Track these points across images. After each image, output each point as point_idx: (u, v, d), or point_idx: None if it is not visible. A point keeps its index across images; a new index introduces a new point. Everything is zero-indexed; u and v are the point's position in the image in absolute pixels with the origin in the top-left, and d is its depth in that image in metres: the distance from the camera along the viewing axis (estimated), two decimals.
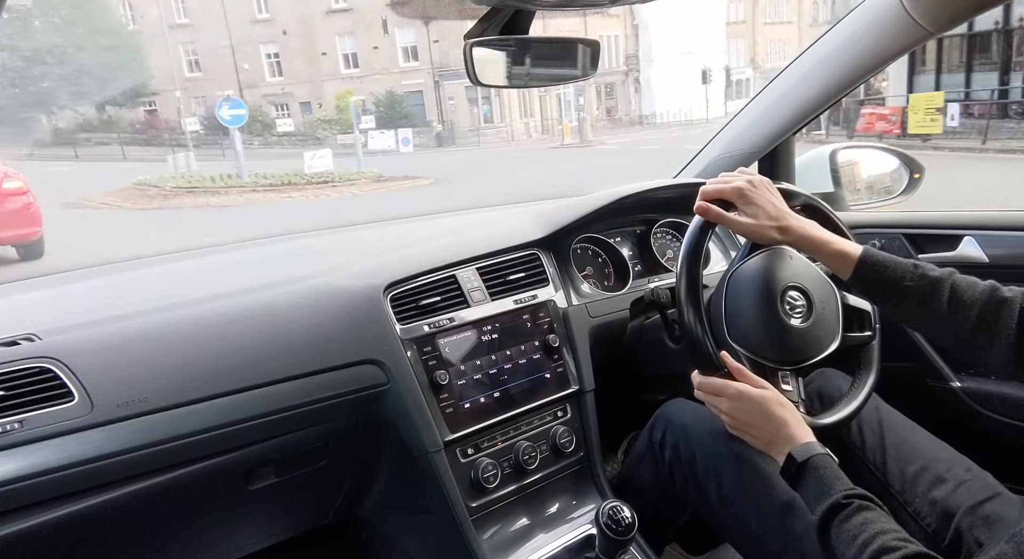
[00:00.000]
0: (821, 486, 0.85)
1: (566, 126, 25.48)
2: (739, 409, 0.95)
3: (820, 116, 1.54)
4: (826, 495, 0.84)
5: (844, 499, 0.82)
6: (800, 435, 0.91)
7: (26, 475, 0.82)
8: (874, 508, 0.81)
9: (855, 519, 0.80)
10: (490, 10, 0.91)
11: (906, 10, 1.24)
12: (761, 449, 0.95)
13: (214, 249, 1.58)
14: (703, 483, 1.06)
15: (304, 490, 1.17)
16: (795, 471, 0.88)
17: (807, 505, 0.87)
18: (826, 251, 1.00)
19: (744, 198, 1.00)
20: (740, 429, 0.97)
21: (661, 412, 1.19)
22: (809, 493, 0.86)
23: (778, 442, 0.92)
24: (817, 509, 0.84)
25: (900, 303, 0.97)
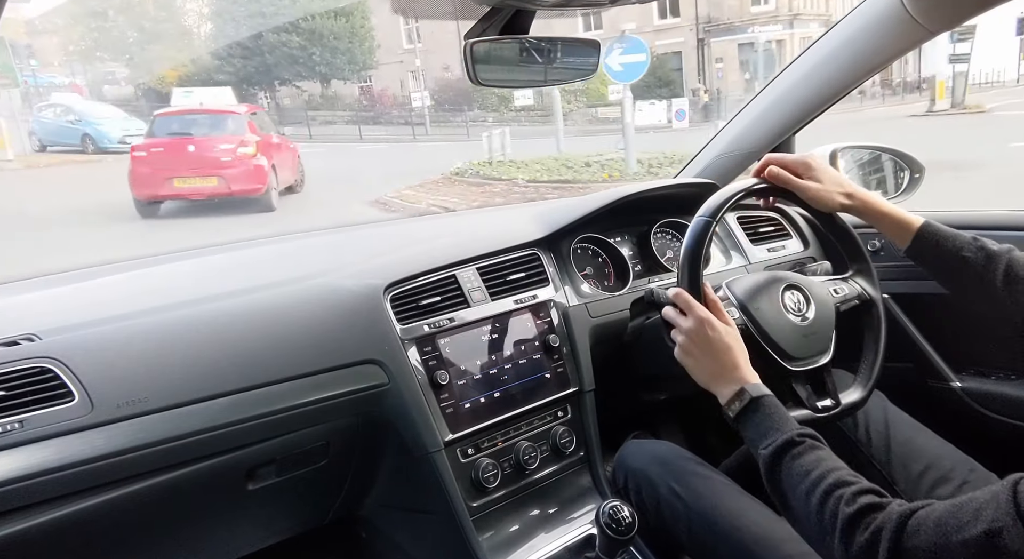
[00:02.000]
0: (771, 423, 0.85)
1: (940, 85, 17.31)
2: (699, 333, 0.95)
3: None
4: (777, 431, 0.83)
5: (798, 437, 0.82)
6: (750, 376, 0.91)
7: (26, 475, 0.82)
8: (825, 448, 0.81)
9: (809, 455, 0.80)
10: (490, 10, 0.91)
11: (906, 10, 1.24)
12: (701, 380, 0.95)
13: (214, 249, 1.58)
14: (672, 526, 1.05)
15: (304, 490, 1.17)
16: (744, 407, 0.88)
17: (750, 442, 0.86)
18: (887, 220, 1.03)
19: (809, 167, 1.06)
20: (690, 353, 0.96)
21: (619, 458, 1.18)
22: (757, 430, 0.86)
23: (726, 376, 0.92)
24: (766, 444, 0.83)
25: (957, 275, 0.99)
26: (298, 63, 24.56)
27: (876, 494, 0.73)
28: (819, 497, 0.74)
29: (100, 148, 15.27)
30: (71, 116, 16.12)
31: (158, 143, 9.13)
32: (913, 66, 25.67)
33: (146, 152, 8.98)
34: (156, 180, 8.69)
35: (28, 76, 22.13)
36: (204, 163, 8.85)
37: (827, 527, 0.73)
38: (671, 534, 1.06)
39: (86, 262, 1.43)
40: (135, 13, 25.98)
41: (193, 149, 9.01)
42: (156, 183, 8.72)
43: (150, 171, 8.71)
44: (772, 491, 0.83)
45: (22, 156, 14.89)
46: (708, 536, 1.01)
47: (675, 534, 1.05)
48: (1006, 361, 1.42)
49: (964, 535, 0.62)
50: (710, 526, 1.00)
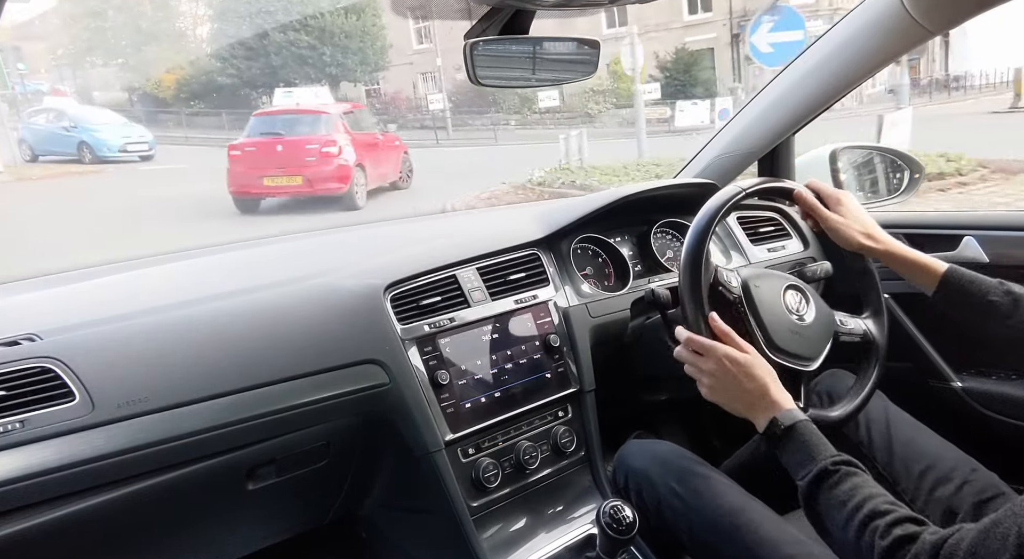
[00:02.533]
0: (807, 451, 0.85)
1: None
2: (723, 371, 0.94)
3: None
4: (812, 461, 0.83)
5: (832, 465, 0.82)
6: (783, 401, 0.91)
7: (27, 475, 0.82)
8: (861, 473, 0.82)
9: (844, 485, 0.80)
10: (490, 10, 0.91)
11: (906, 10, 1.24)
12: (738, 413, 0.95)
13: (214, 249, 1.58)
14: (673, 527, 1.05)
15: (305, 490, 1.17)
16: (779, 436, 0.88)
17: (790, 471, 0.87)
18: (911, 266, 1.05)
19: (839, 202, 1.09)
20: (719, 390, 0.96)
21: (619, 458, 1.18)
22: (793, 459, 0.86)
23: (760, 406, 0.92)
24: (803, 475, 0.83)
25: (983, 318, 1.00)
26: (307, 64, 22.99)
27: (912, 522, 0.73)
28: (855, 529, 0.75)
29: (99, 157, 14.43)
30: (65, 122, 15.07)
31: (251, 143, 9.81)
32: (940, 64, 24.65)
33: (240, 151, 9.68)
34: (248, 178, 9.35)
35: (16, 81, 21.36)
36: (290, 162, 9.34)
37: (866, 558, 0.74)
38: (672, 534, 1.06)
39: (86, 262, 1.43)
40: (132, 13, 25.14)
41: (281, 148, 9.54)
42: (248, 181, 9.37)
43: (243, 169, 9.40)
44: (813, 522, 0.84)
45: (12, 167, 13.94)
46: (709, 536, 1.01)
47: (676, 534, 1.05)
48: (1007, 361, 1.42)
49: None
50: (711, 526, 1.00)
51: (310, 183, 9.35)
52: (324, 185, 9.43)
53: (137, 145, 15.08)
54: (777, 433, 0.88)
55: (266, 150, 9.47)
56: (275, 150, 9.48)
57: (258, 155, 9.48)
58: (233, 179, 9.45)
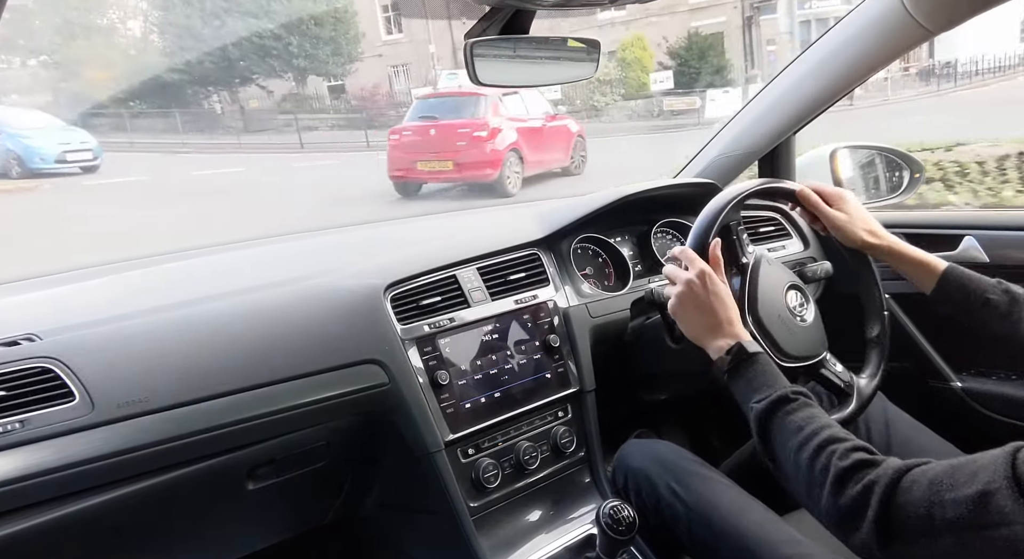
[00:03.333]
0: (764, 380, 0.86)
1: None
2: (699, 284, 0.96)
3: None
4: (770, 388, 0.84)
5: (792, 393, 0.82)
6: (744, 334, 0.93)
7: (27, 475, 0.82)
8: (818, 406, 0.82)
9: (802, 412, 0.80)
10: (490, 10, 0.91)
11: (907, 10, 1.24)
12: (693, 332, 0.96)
13: (214, 249, 1.58)
14: (672, 526, 1.05)
15: (305, 490, 1.17)
16: (738, 361, 0.88)
17: (741, 395, 0.87)
18: (910, 263, 1.06)
19: (843, 200, 1.10)
20: (685, 305, 0.97)
21: (619, 458, 1.18)
22: (749, 385, 0.86)
23: (722, 330, 0.93)
24: (759, 399, 0.83)
25: (981, 317, 1.01)
26: (271, 56, 20.07)
27: (869, 452, 0.73)
28: (811, 451, 0.75)
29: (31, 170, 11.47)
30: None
31: (409, 127, 9.76)
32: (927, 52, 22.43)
33: (399, 136, 9.73)
34: (404, 162, 9.35)
35: None
36: (442, 146, 9.21)
37: (817, 480, 0.73)
38: (671, 534, 1.06)
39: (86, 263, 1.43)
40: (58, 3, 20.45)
41: (434, 132, 9.42)
42: (405, 164, 9.37)
43: (400, 154, 9.43)
44: (762, 445, 0.83)
45: None
46: (708, 536, 1.01)
47: (675, 534, 1.05)
48: (1006, 361, 1.42)
49: (957, 493, 0.62)
50: (709, 526, 1.00)
51: (460, 168, 9.21)
52: (473, 170, 9.27)
53: (79, 154, 12.18)
54: (737, 358, 0.89)
55: (421, 134, 9.44)
56: (428, 134, 9.39)
57: (414, 139, 9.46)
58: (392, 163, 9.53)
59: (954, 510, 0.61)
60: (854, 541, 0.69)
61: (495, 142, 9.37)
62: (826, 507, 0.72)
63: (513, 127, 9.65)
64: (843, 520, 0.70)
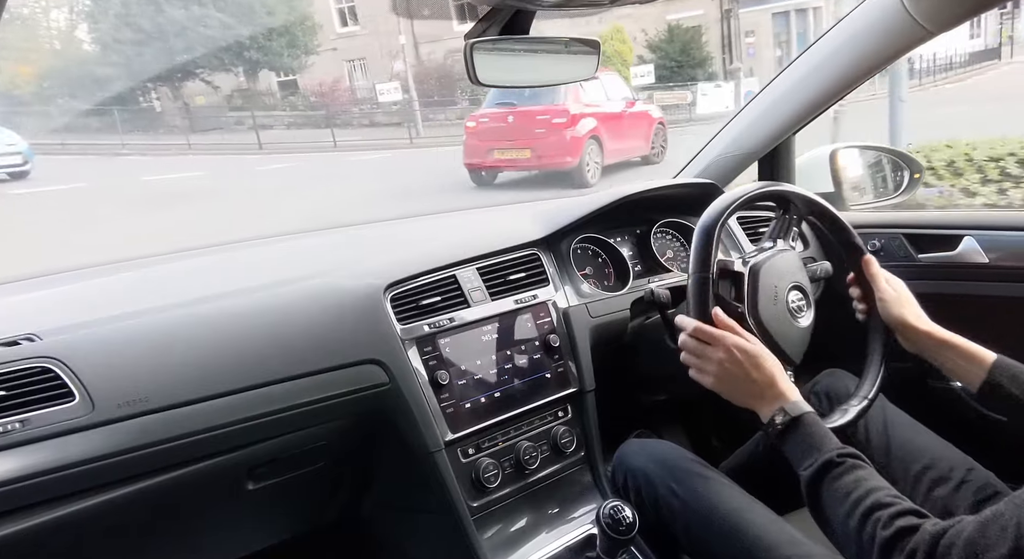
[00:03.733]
0: (812, 443, 0.85)
1: None
2: (732, 360, 0.94)
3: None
4: (817, 451, 0.84)
5: (838, 457, 0.82)
6: (789, 392, 0.91)
7: (27, 475, 0.82)
8: (866, 466, 0.82)
9: (848, 477, 0.80)
10: (491, 10, 0.91)
11: (907, 10, 1.24)
12: (742, 403, 0.95)
13: (214, 249, 1.58)
14: (671, 525, 1.05)
15: (305, 490, 1.17)
16: (785, 427, 0.88)
17: (793, 461, 0.87)
18: (953, 351, 1.00)
19: (893, 281, 1.09)
20: (725, 380, 0.96)
21: (618, 458, 1.18)
22: (798, 449, 0.86)
23: (767, 396, 0.91)
24: (807, 465, 0.83)
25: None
26: (220, 48, 18.23)
27: (914, 515, 0.74)
28: (858, 520, 0.76)
29: None
30: None
31: (486, 114, 9.39)
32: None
33: (476, 123, 9.38)
34: (480, 150, 9.05)
35: None
36: (520, 133, 8.88)
37: (866, 549, 0.74)
38: (669, 533, 1.06)
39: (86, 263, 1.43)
40: None
41: (512, 119, 9.05)
42: (480, 153, 9.05)
43: (476, 142, 9.09)
44: (814, 513, 0.83)
45: None
46: (706, 536, 1.01)
47: (674, 534, 1.05)
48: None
49: (991, 554, 0.64)
50: (708, 526, 1.00)
51: (538, 156, 8.81)
52: (552, 158, 8.84)
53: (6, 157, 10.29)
54: (783, 423, 0.88)
55: (498, 121, 9.05)
56: (506, 121, 9.00)
57: (491, 127, 9.09)
58: (468, 152, 9.22)
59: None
60: None
61: (575, 129, 8.92)
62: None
63: (593, 113, 9.23)
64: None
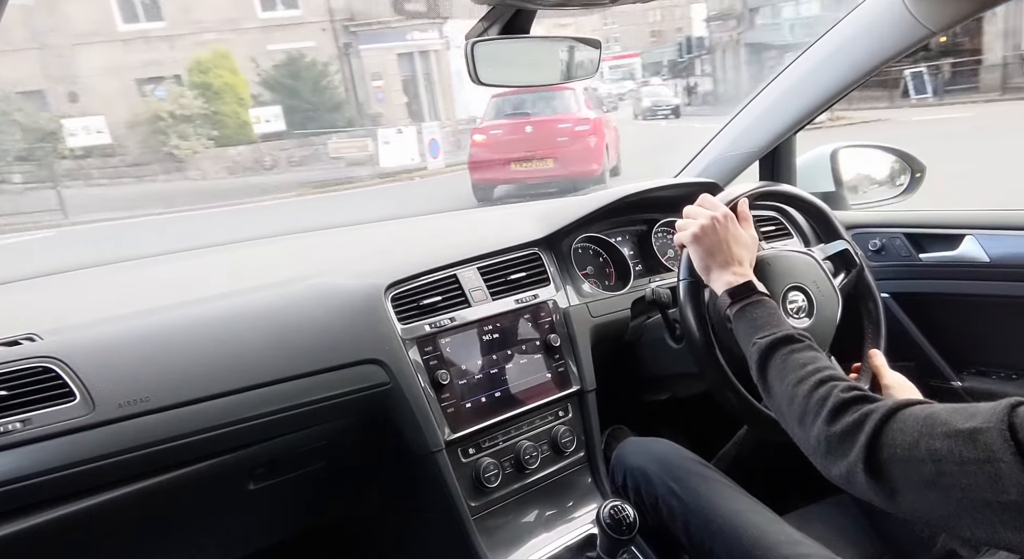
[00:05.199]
0: (771, 320, 0.86)
1: None
2: (720, 224, 0.97)
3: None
4: (776, 327, 0.84)
5: (799, 335, 0.83)
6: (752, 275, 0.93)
7: (27, 475, 0.82)
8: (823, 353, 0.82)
9: (807, 352, 0.80)
10: (491, 9, 0.91)
11: (908, 9, 1.24)
12: (703, 265, 0.97)
13: (214, 249, 1.58)
14: (670, 525, 1.05)
15: (305, 490, 1.17)
16: (745, 300, 0.89)
17: (745, 332, 0.87)
18: None
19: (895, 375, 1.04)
20: (701, 239, 0.97)
21: (617, 456, 1.18)
22: (754, 323, 0.87)
23: (731, 268, 0.94)
24: (764, 335, 0.84)
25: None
26: None
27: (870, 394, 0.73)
28: (812, 383, 0.75)
29: None
30: None
31: (497, 125, 8.81)
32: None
33: (485, 135, 8.76)
34: (495, 164, 8.48)
35: None
36: (541, 144, 8.41)
37: (813, 408, 0.73)
38: (669, 533, 1.06)
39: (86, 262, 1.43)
40: None
41: (531, 130, 8.58)
42: (495, 167, 8.49)
43: (489, 155, 8.52)
44: (758, 376, 0.83)
45: None
46: (706, 535, 1.01)
47: (673, 533, 1.05)
48: (1007, 361, 1.42)
49: (949, 428, 0.63)
50: (708, 525, 1.00)
51: (563, 165, 8.32)
52: (578, 167, 8.36)
53: None
54: (746, 297, 0.89)
55: (514, 132, 8.54)
56: (524, 132, 8.51)
57: (505, 138, 8.57)
58: (477, 166, 8.63)
59: (942, 442, 0.62)
60: (839, 468, 0.70)
61: (596, 136, 8.58)
62: (817, 433, 0.72)
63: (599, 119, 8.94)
64: (832, 446, 0.71)
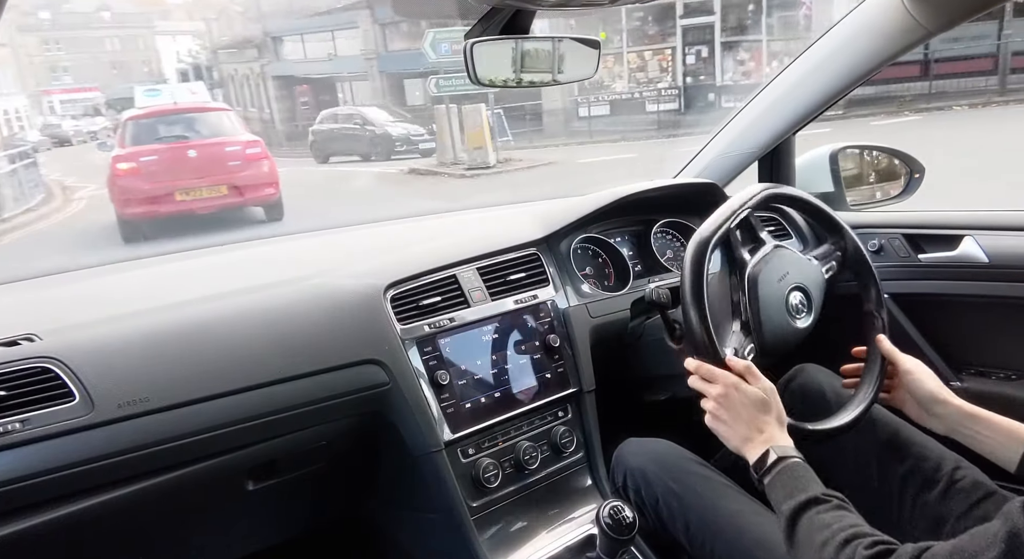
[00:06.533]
0: (798, 484, 0.84)
1: None
2: (730, 399, 0.94)
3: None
4: (803, 491, 0.83)
5: (824, 496, 0.82)
6: (780, 438, 0.91)
7: (27, 475, 0.82)
8: (850, 507, 0.81)
9: (832, 512, 0.79)
10: (490, 10, 0.91)
11: (907, 10, 1.24)
12: (733, 444, 0.94)
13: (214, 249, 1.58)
14: (670, 525, 1.05)
15: (305, 490, 1.17)
16: (771, 467, 0.87)
17: (775, 501, 0.86)
18: (988, 427, 0.96)
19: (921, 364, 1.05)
20: (720, 419, 0.95)
21: (618, 456, 1.17)
22: (783, 489, 0.85)
23: (757, 439, 0.91)
24: (791, 501, 0.82)
25: None
26: None
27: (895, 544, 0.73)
28: (837, 545, 0.75)
29: None
30: None
31: (148, 151, 7.59)
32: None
33: (135, 163, 7.44)
34: (153, 195, 7.32)
35: None
36: (211, 169, 7.66)
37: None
38: (669, 533, 1.06)
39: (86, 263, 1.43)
40: None
41: (195, 154, 7.73)
42: (153, 198, 7.33)
43: (143, 185, 7.32)
44: (788, 545, 0.82)
45: None
46: (706, 536, 1.00)
47: (673, 533, 1.05)
48: (1006, 361, 1.42)
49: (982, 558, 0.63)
50: (708, 526, 1.00)
51: (239, 191, 7.66)
52: (256, 192, 7.78)
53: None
54: (770, 465, 0.87)
55: (173, 158, 7.52)
56: (187, 157, 7.61)
57: (163, 165, 7.48)
58: (126, 196, 7.32)
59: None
60: None
61: (271, 160, 7.97)
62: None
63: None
64: None
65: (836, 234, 1.17)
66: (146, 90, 10.99)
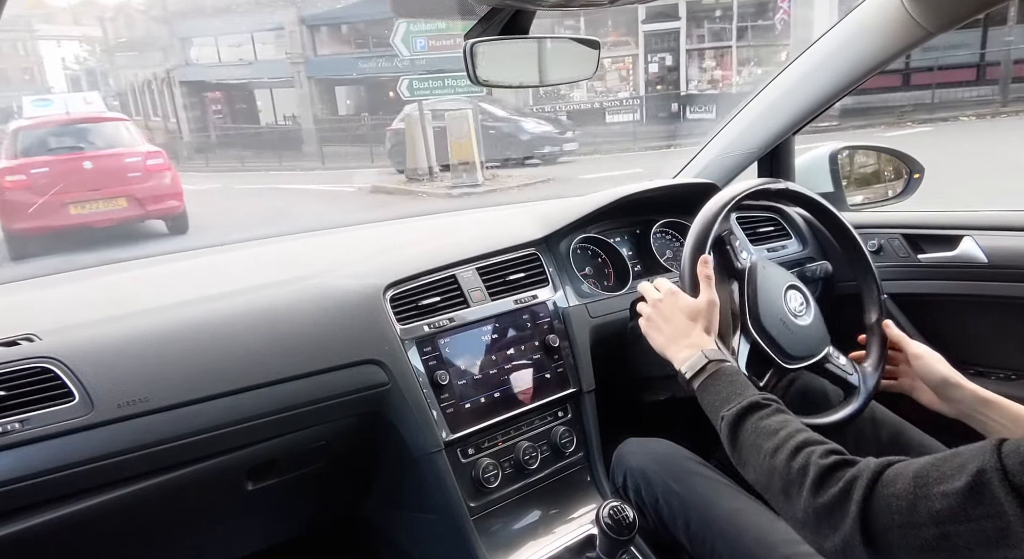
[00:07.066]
0: (735, 388, 0.84)
1: None
2: (664, 303, 0.97)
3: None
4: (741, 395, 0.82)
5: (763, 400, 0.81)
6: (708, 343, 0.91)
7: (27, 475, 0.82)
8: (790, 413, 0.81)
9: (776, 417, 0.79)
10: (491, 10, 0.91)
11: (907, 10, 1.24)
12: (658, 345, 0.96)
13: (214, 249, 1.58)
14: (670, 525, 1.05)
15: (305, 490, 1.17)
16: (702, 369, 0.87)
17: (710, 405, 0.85)
18: (1000, 412, 0.94)
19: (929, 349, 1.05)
20: (652, 321, 0.98)
21: (617, 456, 1.18)
22: (718, 394, 0.84)
23: (681, 342, 0.92)
24: (730, 407, 0.82)
25: None
26: None
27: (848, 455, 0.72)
28: (789, 452, 0.73)
29: None
30: None
31: (38, 162, 7.10)
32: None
33: (24, 175, 6.94)
34: (44, 208, 6.80)
35: None
36: (109, 181, 7.23)
37: (796, 480, 0.71)
38: (669, 533, 1.06)
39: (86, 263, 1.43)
40: None
41: (91, 166, 7.28)
42: (44, 212, 6.80)
43: (34, 198, 6.81)
44: (733, 452, 0.81)
45: None
46: (706, 535, 1.01)
47: (673, 533, 1.05)
48: (1005, 361, 1.42)
49: (946, 486, 0.61)
50: (708, 525, 1.00)
51: (140, 204, 7.27)
52: (158, 204, 7.40)
53: None
54: (700, 368, 0.87)
55: (67, 170, 7.05)
56: (81, 168, 7.18)
57: (54, 177, 6.99)
58: (15, 212, 6.79)
59: (942, 502, 0.61)
60: (833, 542, 0.68)
61: (174, 171, 7.68)
62: (804, 506, 0.70)
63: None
64: (822, 519, 0.69)
65: (837, 232, 1.18)
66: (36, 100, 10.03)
